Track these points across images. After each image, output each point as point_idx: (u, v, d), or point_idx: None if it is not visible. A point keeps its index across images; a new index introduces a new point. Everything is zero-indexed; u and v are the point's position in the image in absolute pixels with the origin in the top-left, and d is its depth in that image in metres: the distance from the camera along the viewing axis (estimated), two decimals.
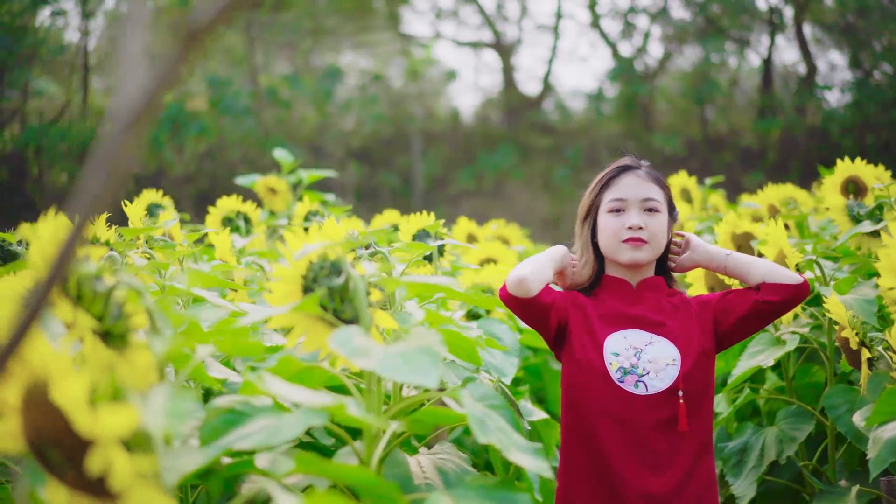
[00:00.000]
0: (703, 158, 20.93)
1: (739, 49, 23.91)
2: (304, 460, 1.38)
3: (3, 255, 2.56)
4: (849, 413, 2.77)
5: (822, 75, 23.16)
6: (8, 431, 1.03)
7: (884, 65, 22.23)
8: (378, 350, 1.59)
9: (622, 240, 2.60)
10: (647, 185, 2.64)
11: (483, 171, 21.83)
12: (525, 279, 2.51)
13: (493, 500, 1.61)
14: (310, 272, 1.76)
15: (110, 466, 0.95)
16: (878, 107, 20.48)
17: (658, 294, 2.65)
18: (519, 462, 1.69)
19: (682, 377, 2.50)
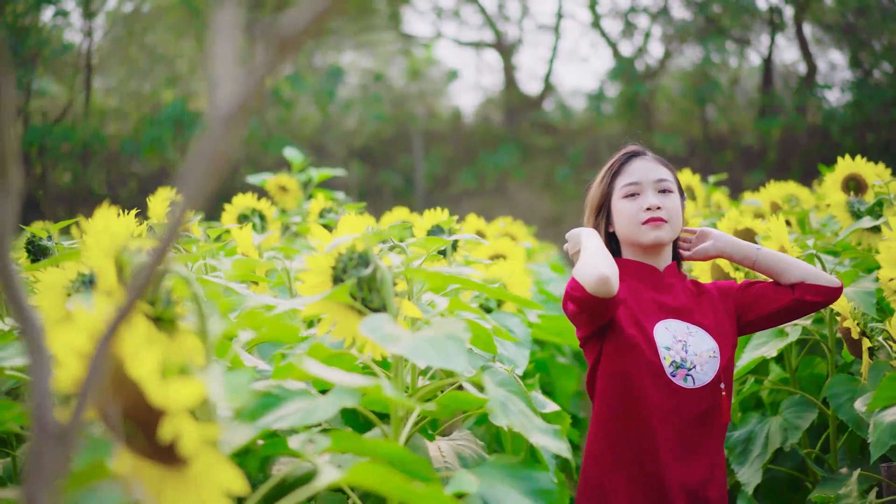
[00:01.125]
0: (704, 158, 21.01)
1: (740, 49, 23.99)
2: (340, 437, 1.47)
3: (34, 249, 2.66)
4: (850, 402, 2.85)
5: (822, 75, 23.23)
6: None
7: (884, 64, 22.29)
8: (407, 336, 1.68)
9: (642, 221, 2.58)
10: (657, 167, 2.65)
11: (485, 170, 21.91)
12: (609, 279, 2.35)
13: (515, 479, 1.70)
14: (339, 263, 1.85)
15: (180, 434, 1.04)
16: (879, 106, 20.55)
17: (682, 281, 2.66)
18: (541, 443, 1.78)
19: (723, 369, 2.51)
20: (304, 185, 5.52)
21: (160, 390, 1.04)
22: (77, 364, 1.10)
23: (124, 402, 1.09)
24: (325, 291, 1.79)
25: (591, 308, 2.41)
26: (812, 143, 20.94)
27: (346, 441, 1.52)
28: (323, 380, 1.63)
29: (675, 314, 2.57)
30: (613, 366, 2.53)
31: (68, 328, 1.10)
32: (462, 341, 1.66)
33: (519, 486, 1.69)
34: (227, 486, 1.06)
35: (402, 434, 1.83)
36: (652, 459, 2.45)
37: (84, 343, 1.08)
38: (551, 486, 1.70)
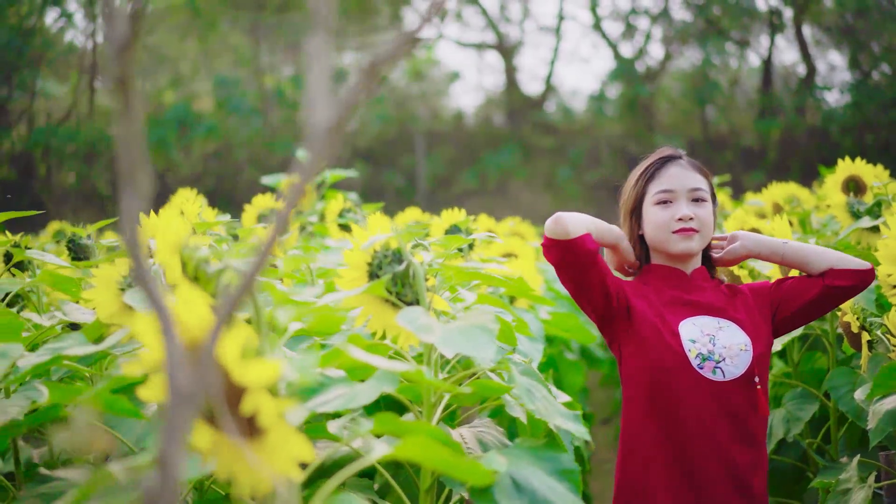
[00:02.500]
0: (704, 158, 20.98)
1: (740, 50, 24.10)
2: (382, 420, 1.59)
3: (74, 248, 2.79)
4: (850, 393, 2.97)
5: (821, 76, 23.34)
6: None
7: (883, 65, 22.40)
8: (439, 327, 1.81)
9: (673, 231, 2.56)
10: (693, 175, 2.61)
11: (486, 170, 22.03)
12: (561, 217, 2.47)
13: (540, 460, 1.83)
14: (375, 260, 1.98)
15: (259, 408, 1.17)
16: (878, 107, 20.65)
17: (711, 283, 2.63)
18: (564, 427, 1.92)
19: (756, 362, 2.49)
20: (317, 186, 5.64)
21: (242, 370, 1.17)
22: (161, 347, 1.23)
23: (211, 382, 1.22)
24: (363, 286, 1.92)
25: (556, 254, 2.50)
26: (811, 144, 21.05)
27: (387, 423, 1.65)
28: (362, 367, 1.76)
29: (705, 311, 2.56)
30: (640, 360, 2.56)
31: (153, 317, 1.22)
32: (492, 332, 1.79)
33: (544, 467, 1.82)
34: (299, 454, 1.19)
35: (434, 419, 1.97)
36: (684, 450, 2.46)
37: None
38: (574, 466, 1.83)
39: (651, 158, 2.71)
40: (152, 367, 1.25)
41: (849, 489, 2.51)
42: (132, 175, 0.87)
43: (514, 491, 1.75)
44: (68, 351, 1.79)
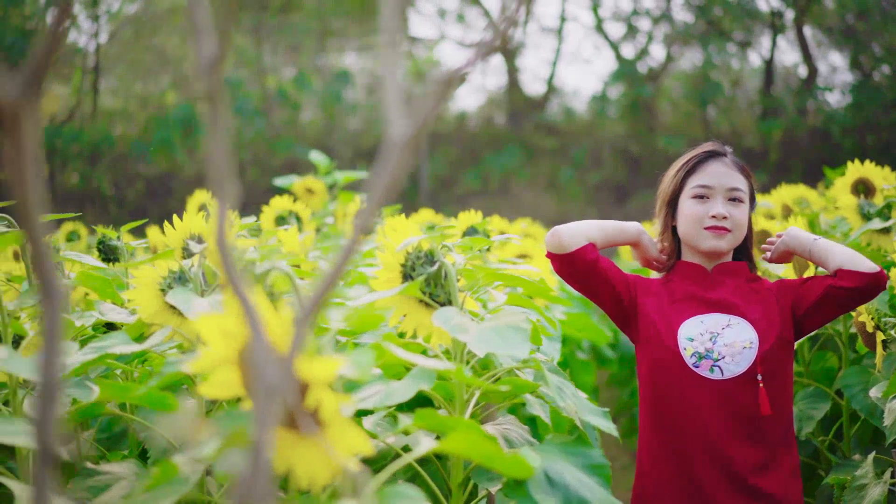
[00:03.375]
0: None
1: (741, 51, 24.14)
2: (422, 416, 1.65)
3: (105, 249, 2.84)
4: (863, 392, 3.03)
5: (822, 77, 23.38)
6: (233, 380, 1.30)
7: (884, 66, 22.45)
8: (474, 327, 1.87)
9: (704, 227, 2.56)
10: (733, 174, 2.60)
11: (489, 171, 22.07)
12: (557, 231, 2.53)
13: (571, 455, 1.89)
14: (408, 261, 2.04)
15: (321, 402, 1.23)
16: (879, 108, 20.69)
17: (737, 279, 2.61)
18: (592, 422, 1.98)
19: (760, 361, 2.48)
20: (329, 188, 5.70)
21: (307, 366, 1.23)
22: (225, 345, 1.29)
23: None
24: (397, 286, 1.98)
25: (558, 267, 2.58)
26: (813, 145, 21.10)
27: (428, 419, 1.70)
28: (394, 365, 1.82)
29: (716, 308, 2.56)
30: (645, 360, 2.61)
31: (220, 316, 1.28)
32: (525, 331, 1.85)
33: (575, 462, 1.88)
34: (357, 447, 1.25)
35: (465, 416, 2.03)
36: (682, 447, 2.50)
37: (233, 326, 1.27)
38: (604, 461, 1.89)
39: (695, 151, 2.69)
40: (213, 365, 1.31)
41: (864, 485, 2.57)
42: (221, 182, 0.92)
43: (548, 486, 1.81)
44: (114, 349, 1.84)
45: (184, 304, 1.87)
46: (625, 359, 6.40)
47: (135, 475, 1.84)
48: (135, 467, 1.88)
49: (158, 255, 2.07)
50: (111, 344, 1.88)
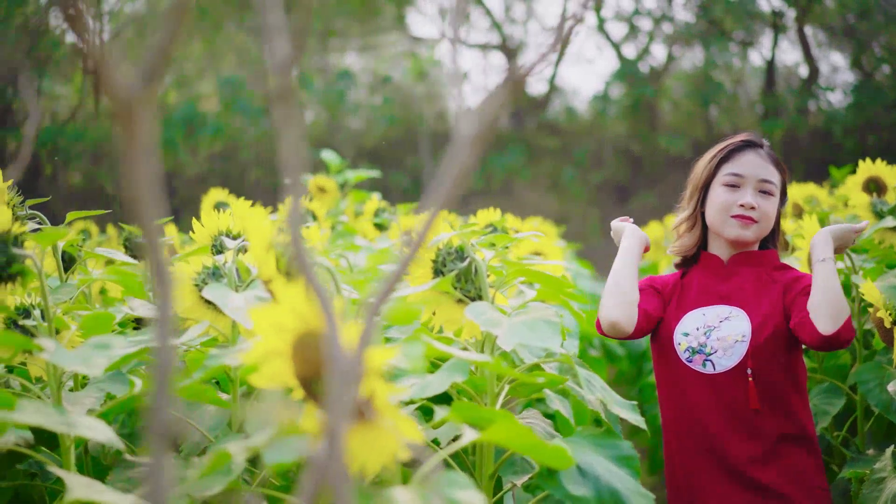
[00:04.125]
0: None
1: (742, 51, 24.17)
2: (459, 408, 1.69)
3: (131, 246, 2.88)
4: (878, 388, 3.06)
5: (824, 76, 23.42)
6: (284, 371, 1.34)
7: (885, 67, 22.49)
8: (505, 321, 1.90)
9: (732, 215, 2.58)
10: (767, 167, 2.62)
11: (491, 171, 22.10)
12: (618, 324, 2.53)
13: (601, 447, 1.92)
14: (439, 257, 2.08)
15: (374, 392, 1.27)
16: (880, 108, 20.72)
17: (758, 269, 2.61)
18: (620, 414, 2.02)
19: (751, 354, 2.49)
20: (341, 186, 5.74)
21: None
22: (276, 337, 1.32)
23: (321, 367, 1.32)
24: (429, 282, 2.02)
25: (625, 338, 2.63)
26: (814, 145, 21.13)
27: (465, 411, 1.74)
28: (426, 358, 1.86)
29: (721, 299, 2.58)
30: (654, 354, 2.71)
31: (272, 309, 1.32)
32: (556, 324, 1.89)
33: (605, 454, 1.92)
34: (408, 435, 1.29)
35: (497, 407, 2.07)
36: (681, 442, 2.58)
37: (285, 319, 1.31)
38: (633, 453, 1.93)
39: (731, 139, 2.73)
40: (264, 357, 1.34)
41: (883, 478, 2.61)
42: (294, 177, 0.96)
43: (580, 476, 1.85)
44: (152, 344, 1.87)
45: (221, 300, 1.91)
46: (633, 356, 6.45)
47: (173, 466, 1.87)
48: (172, 459, 1.91)
49: (192, 251, 2.11)
50: (146, 339, 1.91)
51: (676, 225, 2.77)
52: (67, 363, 1.57)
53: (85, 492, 1.43)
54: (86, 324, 1.87)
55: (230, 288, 2.02)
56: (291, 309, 1.32)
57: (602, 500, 1.82)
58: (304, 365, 1.34)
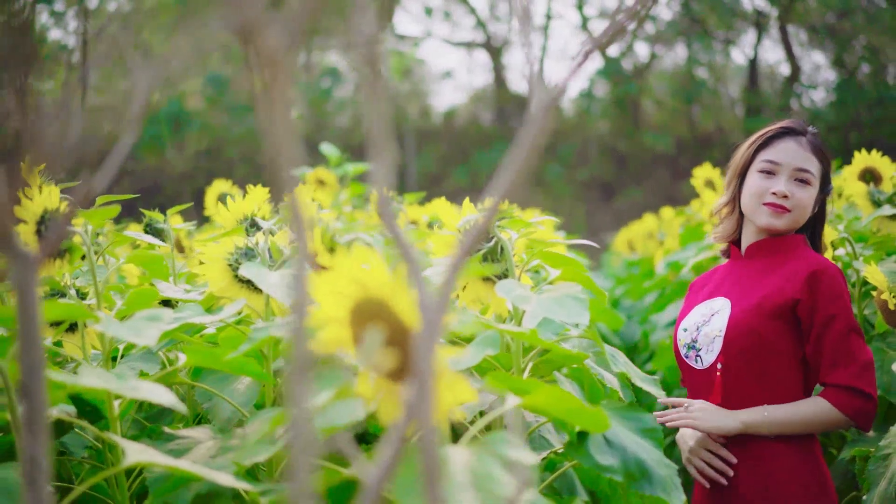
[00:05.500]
0: (692, 156, 21.35)
1: (725, 49, 24.34)
2: (496, 377, 1.75)
3: (152, 232, 2.93)
4: (880, 370, 3.12)
5: (806, 75, 23.61)
6: (343, 337, 1.40)
7: (866, 65, 22.68)
8: (534, 297, 1.97)
9: (764, 202, 2.53)
10: (805, 155, 2.55)
11: (477, 168, 22.20)
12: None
13: (626, 419, 1.99)
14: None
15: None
16: (862, 106, 20.90)
17: (774, 258, 2.56)
18: (643, 388, 2.09)
19: (724, 350, 2.49)
20: (339, 179, 5.80)
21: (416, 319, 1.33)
22: (335, 304, 1.39)
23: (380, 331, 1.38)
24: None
25: None
26: None
27: (502, 380, 1.81)
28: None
29: (722, 292, 2.59)
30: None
31: (330, 277, 1.38)
32: (584, 301, 1.96)
33: (629, 426, 1.99)
34: (464, 397, 1.35)
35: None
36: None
37: (345, 287, 1.38)
38: (657, 425, 2.00)
39: (772, 125, 2.66)
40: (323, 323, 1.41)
41: (889, 454, 2.67)
42: (380, 147, 1.03)
43: (606, 447, 1.92)
44: (191, 320, 1.93)
45: (258, 277, 1.96)
46: (627, 346, 6.53)
47: (212, 439, 1.93)
48: (210, 433, 1.97)
49: (227, 232, 2.17)
50: (188, 315, 1.97)
51: (717, 210, 2.73)
52: (121, 333, 1.63)
53: (141, 456, 1.49)
54: (131, 300, 1.93)
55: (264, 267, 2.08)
56: (349, 276, 1.38)
57: (629, 469, 1.89)
58: (363, 330, 1.40)
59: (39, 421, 0.79)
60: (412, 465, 1.23)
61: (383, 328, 1.42)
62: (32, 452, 0.79)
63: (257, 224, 2.35)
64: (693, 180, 6.12)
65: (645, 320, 6.60)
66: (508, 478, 1.29)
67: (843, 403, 2.42)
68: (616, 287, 8.89)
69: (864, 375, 2.42)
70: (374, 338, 1.42)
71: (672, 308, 5.82)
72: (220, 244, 2.19)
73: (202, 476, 1.46)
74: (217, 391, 2.07)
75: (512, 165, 1.06)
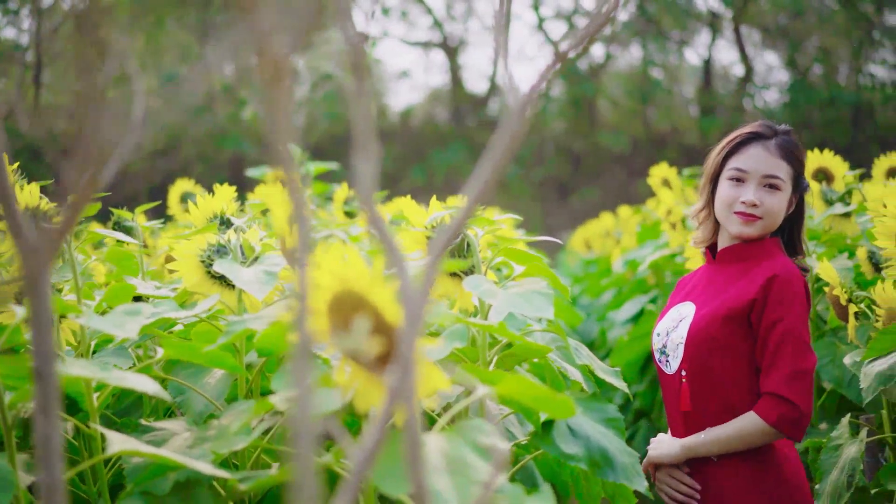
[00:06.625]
0: (647, 155, 21.51)
1: (680, 50, 24.55)
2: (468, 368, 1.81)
3: (121, 230, 2.97)
4: (831, 364, 3.23)
5: (759, 75, 23.85)
6: (321, 328, 1.45)
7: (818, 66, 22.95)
8: (501, 292, 2.03)
9: (734, 211, 2.53)
10: (773, 161, 2.53)
11: (434, 167, 22.24)
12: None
13: (590, 410, 2.06)
14: (433, 234, 2.21)
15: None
16: (814, 106, 21.15)
17: (745, 262, 2.56)
18: (605, 380, 2.17)
19: (686, 357, 2.51)
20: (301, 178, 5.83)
21: (395, 312, 1.39)
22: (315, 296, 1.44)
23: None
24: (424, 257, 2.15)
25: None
26: None
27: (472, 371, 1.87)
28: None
29: (692, 297, 2.62)
30: None
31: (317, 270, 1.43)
32: (549, 295, 2.02)
33: (593, 416, 2.06)
34: (438, 385, 1.41)
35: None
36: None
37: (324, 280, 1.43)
38: (619, 415, 2.07)
39: (740, 130, 2.64)
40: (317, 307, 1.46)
41: (840, 445, 2.77)
42: (366, 146, 1.09)
43: (571, 436, 1.98)
44: (167, 314, 1.97)
45: (232, 274, 2.02)
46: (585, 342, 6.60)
47: (187, 430, 1.97)
48: (184, 425, 2.01)
49: (201, 229, 2.21)
50: (164, 310, 2.01)
51: (694, 215, 2.74)
52: (104, 327, 1.68)
53: (125, 445, 1.53)
54: (110, 295, 1.97)
55: (237, 263, 2.13)
56: (327, 270, 1.44)
57: (592, 458, 1.96)
58: (341, 321, 1.46)
59: (52, 402, 0.85)
60: (393, 450, 1.28)
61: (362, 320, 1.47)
62: (46, 431, 0.84)
63: (229, 221, 2.39)
64: (649, 179, 6.20)
65: (603, 318, 6.69)
66: (482, 463, 1.35)
67: (766, 412, 2.41)
68: (574, 285, 8.97)
69: (792, 383, 2.40)
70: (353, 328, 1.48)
71: (629, 305, 5.91)
72: (192, 241, 2.23)
73: (185, 464, 1.52)
74: (190, 385, 2.11)
75: (486, 168, 1.12)
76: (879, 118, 21.71)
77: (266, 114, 0.90)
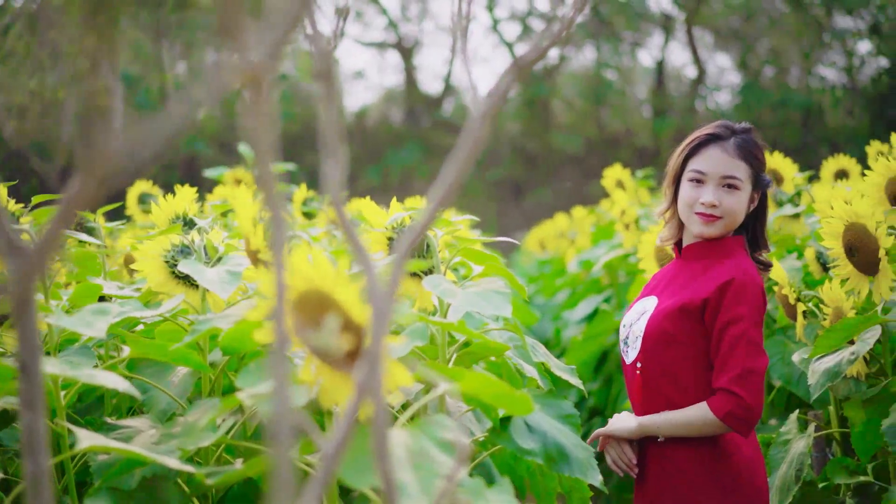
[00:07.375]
0: (600, 156, 21.63)
1: (633, 52, 24.73)
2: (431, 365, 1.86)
3: (81, 230, 2.99)
4: (780, 362, 3.31)
5: (711, 77, 24.07)
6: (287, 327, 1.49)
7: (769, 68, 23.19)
8: (460, 291, 2.08)
9: (695, 212, 2.57)
10: (731, 162, 2.57)
11: (389, 168, 22.27)
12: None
13: (546, 406, 2.12)
14: (395, 235, 2.26)
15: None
16: (766, 108, 21.37)
17: (705, 261, 2.61)
18: (561, 377, 2.22)
19: (642, 349, 2.58)
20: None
21: (361, 311, 1.43)
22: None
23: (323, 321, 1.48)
24: (387, 257, 2.20)
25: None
26: None
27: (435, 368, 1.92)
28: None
29: (657, 291, 2.67)
30: None
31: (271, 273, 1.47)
32: (506, 294, 2.07)
33: (549, 412, 2.11)
34: (401, 381, 1.46)
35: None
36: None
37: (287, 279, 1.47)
38: (574, 412, 2.13)
39: (699, 132, 2.68)
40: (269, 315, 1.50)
41: (789, 440, 2.84)
42: (333, 149, 1.13)
43: (528, 432, 2.04)
44: (132, 314, 2.01)
45: (197, 274, 2.05)
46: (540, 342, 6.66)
47: (152, 427, 2.00)
48: (149, 422, 2.04)
49: (164, 230, 2.24)
50: (129, 309, 2.04)
51: (660, 214, 2.79)
52: (72, 325, 1.71)
53: (94, 441, 1.57)
54: (76, 295, 2.00)
55: (201, 263, 2.16)
56: (293, 270, 1.48)
57: (549, 453, 2.02)
58: (306, 320, 1.50)
59: (37, 396, 0.88)
60: (359, 444, 1.33)
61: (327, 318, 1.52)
62: (32, 424, 0.88)
63: (192, 222, 2.43)
64: (603, 181, 6.28)
65: (557, 317, 6.76)
66: (445, 457, 1.39)
67: (716, 406, 2.45)
68: (529, 285, 9.04)
69: (743, 381, 2.44)
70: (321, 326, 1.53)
71: (584, 305, 5.97)
72: (156, 241, 2.27)
73: (154, 460, 1.55)
74: (154, 383, 2.14)
75: (450, 172, 1.17)
76: (829, 120, 21.97)
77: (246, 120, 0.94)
